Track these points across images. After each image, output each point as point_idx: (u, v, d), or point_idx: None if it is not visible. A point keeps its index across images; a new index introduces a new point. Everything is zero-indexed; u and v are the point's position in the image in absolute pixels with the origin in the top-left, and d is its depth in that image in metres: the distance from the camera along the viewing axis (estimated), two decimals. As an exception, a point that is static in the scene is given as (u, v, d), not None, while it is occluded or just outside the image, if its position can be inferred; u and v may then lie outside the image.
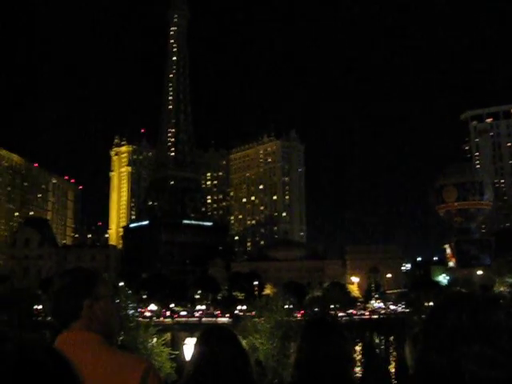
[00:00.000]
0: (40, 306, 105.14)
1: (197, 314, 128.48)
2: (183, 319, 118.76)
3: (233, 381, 3.54)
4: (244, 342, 3.99)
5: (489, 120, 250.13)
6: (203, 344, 3.71)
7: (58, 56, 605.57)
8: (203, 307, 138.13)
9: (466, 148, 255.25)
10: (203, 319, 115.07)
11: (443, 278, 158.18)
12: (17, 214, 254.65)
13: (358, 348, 72.40)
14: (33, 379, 1.01)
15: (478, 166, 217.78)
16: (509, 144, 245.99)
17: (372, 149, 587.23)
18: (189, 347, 22.24)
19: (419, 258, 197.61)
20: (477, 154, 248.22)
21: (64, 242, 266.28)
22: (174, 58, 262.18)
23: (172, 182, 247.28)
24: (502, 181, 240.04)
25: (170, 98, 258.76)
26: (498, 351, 1.45)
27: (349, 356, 3.74)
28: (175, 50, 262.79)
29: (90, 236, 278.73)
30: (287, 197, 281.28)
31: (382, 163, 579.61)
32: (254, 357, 31.57)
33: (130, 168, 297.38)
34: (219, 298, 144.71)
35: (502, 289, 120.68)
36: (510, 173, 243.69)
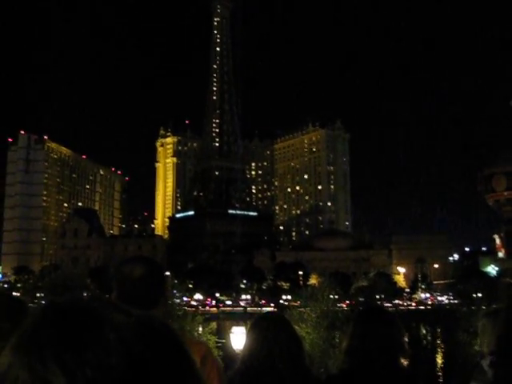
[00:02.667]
0: (89, 294, 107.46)
1: (242, 304, 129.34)
2: (229, 308, 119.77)
3: (287, 366, 3.60)
4: None
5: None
6: (257, 330, 3.78)
7: (103, 48, 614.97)
8: (248, 297, 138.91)
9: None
10: (248, 308, 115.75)
11: (492, 269, 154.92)
12: (66, 205, 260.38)
13: (405, 339, 71.63)
14: (159, 347, 1.10)
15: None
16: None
17: (418, 137, 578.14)
18: (235, 336, 22.43)
19: (467, 249, 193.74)
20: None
21: (111, 232, 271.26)
22: (218, 49, 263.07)
23: (217, 173, 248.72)
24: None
25: (214, 88, 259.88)
26: None
27: (400, 345, 3.76)
28: (218, 40, 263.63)
29: (136, 226, 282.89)
30: (332, 186, 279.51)
31: (429, 151, 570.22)
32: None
33: (175, 159, 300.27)
34: (264, 287, 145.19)
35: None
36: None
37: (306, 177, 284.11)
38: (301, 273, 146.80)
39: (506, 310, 1.61)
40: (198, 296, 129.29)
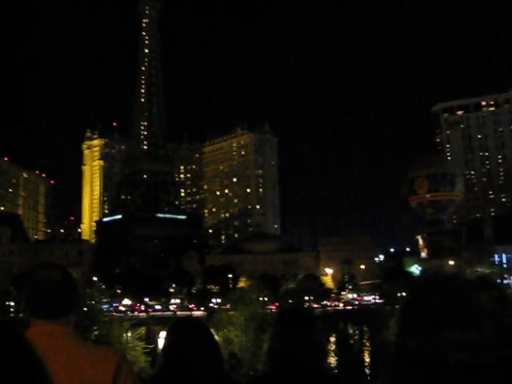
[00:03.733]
0: (12, 303, 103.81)
1: (171, 308, 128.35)
2: (158, 313, 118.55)
3: (203, 371, 3.53)
4: (219, 335, 4.02)
5: (460, 112, 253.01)
6: (173, 335, 3.72)
7: (28, 50, 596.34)
8: (178, 301, 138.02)
9: (438, 140, 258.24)
10: (178, 313, 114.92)
11: (415, 269, 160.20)
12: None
13: (332, 339, 72.97)
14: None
15: (449, 158, 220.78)
16: (479, 136, 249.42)
17: (345, 141, 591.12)
18: (163, 341, 22.28)
19: (392, 250, 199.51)
20: (448, 146, 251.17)
21: (36, 237, 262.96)
22: (146, 51, 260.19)
23: (145, 176, 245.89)
24: (472, 172, 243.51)
25: (143, 90, 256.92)
26: (482, 336, 1.37)
27: (321, 346, 3.72)
28: (147, 42, 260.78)
29: (62, 231, 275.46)
30: (261, 189, 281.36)
31: (355, 155, 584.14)
32: (229, 349, 31.74)
33: (102, 162, 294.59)
34: (194, 291, 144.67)
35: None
36: (479, 164, 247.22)
37: (234, 180, 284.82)
38: (230, 276, 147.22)
39: (400, 310, 1.56)
40: (126, 301, 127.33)
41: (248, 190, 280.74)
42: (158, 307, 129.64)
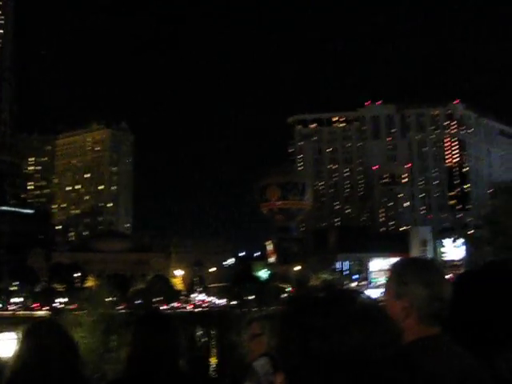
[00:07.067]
0: None
1: (11, 308, 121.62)
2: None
3: (62, 374, 3.48)
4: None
5: (312, 126, 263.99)
6: (30, 338, 3.64)
7: None
8: (20, 300, 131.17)
9: (291, 150, 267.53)
10: (18, 312, 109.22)
11: (263, 273, 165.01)
12: None
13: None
14: None
15: (301, 168, 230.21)
16: (328, 150, 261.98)
17: (202, 146, 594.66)
18: (3, 343, 21.17)
19: (242, 254, 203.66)
20: (300, 156, 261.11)
21: None
22: (1, 31, 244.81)
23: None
24: (321, 183, 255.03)
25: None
26: (375, 334, 1.64)
27: (178, 349, 3.85)
28: (2, 22, 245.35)
29: None
30: (114, 187, 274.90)
31: (211, 159, 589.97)
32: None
33: None
34: (38, 290, 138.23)
35: (316, 283, 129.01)
36: (328, 176, 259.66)
37: (87, 176, 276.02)
38: (78, 275, 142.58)
39: (281, 321, 1.66)
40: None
41: (101, 187, 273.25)
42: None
